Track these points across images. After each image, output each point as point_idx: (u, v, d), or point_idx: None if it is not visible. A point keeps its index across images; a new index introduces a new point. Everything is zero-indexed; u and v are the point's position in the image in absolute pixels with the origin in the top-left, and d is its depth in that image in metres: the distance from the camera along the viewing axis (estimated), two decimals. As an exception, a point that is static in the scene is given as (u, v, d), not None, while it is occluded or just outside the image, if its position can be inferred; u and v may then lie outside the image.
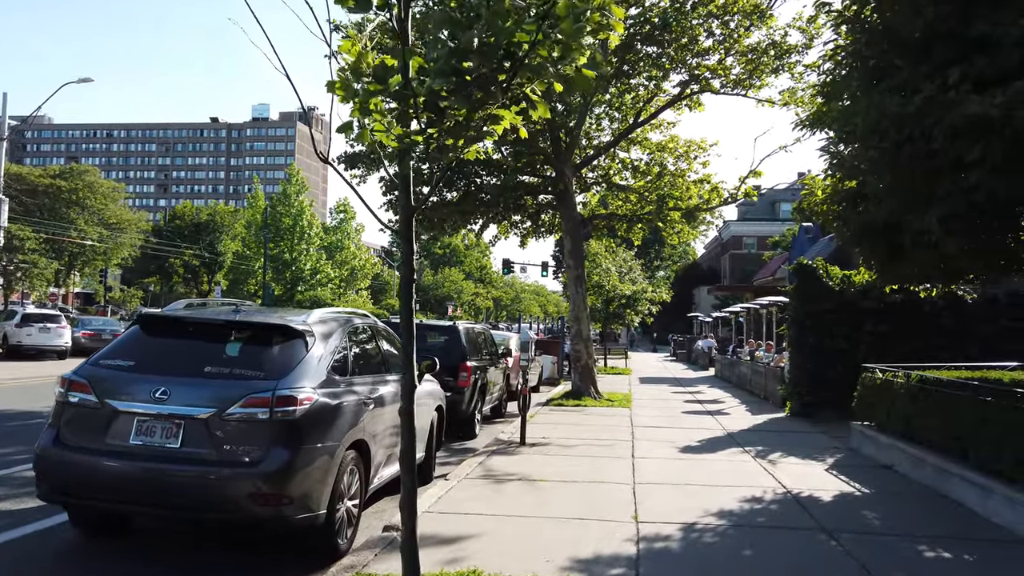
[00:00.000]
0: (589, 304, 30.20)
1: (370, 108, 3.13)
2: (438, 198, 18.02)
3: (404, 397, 3.84)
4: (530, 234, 20.42)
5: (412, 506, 3.87)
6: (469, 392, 11.78)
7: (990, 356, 13.42)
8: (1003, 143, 4.76)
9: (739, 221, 70.78)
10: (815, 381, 14.00)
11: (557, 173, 17.32)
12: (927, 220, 6.02)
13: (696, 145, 18.88)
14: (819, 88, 8.32)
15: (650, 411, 15.16)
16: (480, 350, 13.03)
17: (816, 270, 14.32)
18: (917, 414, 8.38)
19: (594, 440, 11.06)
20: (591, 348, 17.74)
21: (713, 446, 10.76)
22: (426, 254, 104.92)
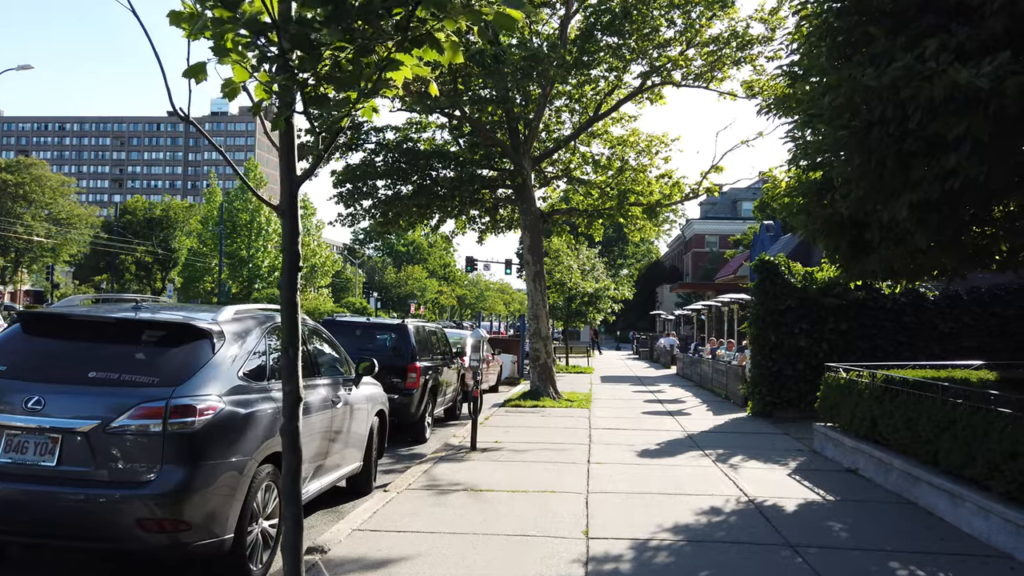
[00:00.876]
0: (551, 302, 29.80)
1: (226, 46, 2.52)
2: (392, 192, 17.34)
3: (285, 413, 3.21)
4: (489, 229, 19.83)
5: (296, 549, 3.21)
6: (418, 394, 11.15)
7: (952, 353, 13.24)
8: (988, 118, 4.32)
9: (701, 219, 71.14)
10: (777, 380, 13.67)
11: (515, 166, 16.76)
12: (898, 209, 5.59)
13: (658, 140, 18.48)
14: (784, 71, 7.87)
15: (610, 412, 14.69)
16: (431, 350, 12.40)
17: (778, 267, 13.98)
18: (883, 416, 7.99)
19: (549, 444, 10.52)
20: (550, 347, 17.24)
21: (673, 449, 10.29)
22: (389, 251, 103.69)
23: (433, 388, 11.94)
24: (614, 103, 17.35)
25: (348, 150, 17.05)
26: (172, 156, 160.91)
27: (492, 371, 20.10)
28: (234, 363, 5.08)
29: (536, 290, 17.09)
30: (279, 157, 3.14)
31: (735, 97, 16.21)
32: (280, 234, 52.09)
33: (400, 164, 17.13)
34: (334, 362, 7.27)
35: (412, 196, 16.94)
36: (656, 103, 17.68)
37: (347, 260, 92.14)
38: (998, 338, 13.20)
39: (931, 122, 4.72)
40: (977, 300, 13.56)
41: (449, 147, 18.05)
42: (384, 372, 11.08)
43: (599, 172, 18.91)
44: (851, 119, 5.68)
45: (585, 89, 17.36)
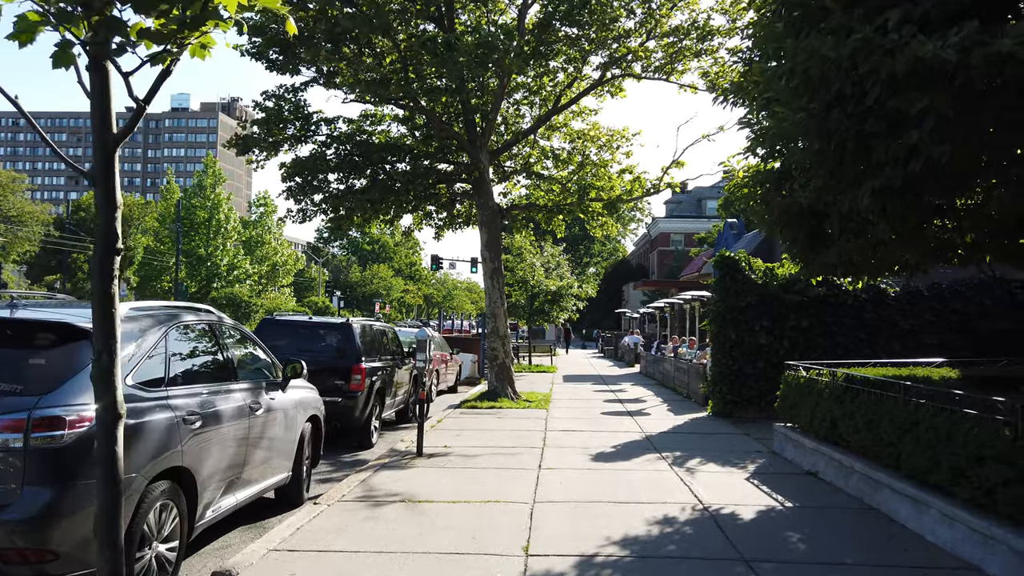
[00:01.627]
0: (513, 300, 29.36)
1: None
2: (344, 186, 16.69)
3: (100, 435, 2.65)
4: (446, 225, 19.28)
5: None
6: (363, 397, 10.57)
7: (913, 351, 13.05)
8: (953, 93, 3.93)
9: (667, 218, 71.36)
10: (737, 379, 13.35)
11: (472, 160, 16.23)
12: (859, 197, 5.19)
13: (619, 134, 18.11)
14: (740, 57, 7.48)
15: (568, 413, 14.25)
16: (379, 350, 11.82)
17: (739, 263, 13.66)
18: (843, 416, 7.64)
19: (501, 448, 10.02)
20: (508, 346, 16.75)
21: (629, 452, 9.87)
22: (354, 250, 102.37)
23: (381, 390, 11.36)
24: (574, 96, 16.93)
25: (297, 142, 16.37)
26: (131, 153, 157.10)
27: (451, 371, 19.56)
28: (122, 368, 4.47)
29: (494, 287, 16.59)
30: (90, 111, 2.57)
31: (696, 90, 15.89)
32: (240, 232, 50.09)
33: (353, 157, 16.49)
34: (256, 364, 6.69)
35: (365, 190, 16.31)
36: (617, 96, 17.32)
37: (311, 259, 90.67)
38: (959, 335, 13.04)
39: (891, 97, 4.31)
40: (938, 296, 13.39)
41: (405, 140, 17.46)
42: (327, 374, 10.54)
43: (559, 167, 18.49)
44: (809, 101, 5.27)
45: (544, 81, 16.92)
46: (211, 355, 5.77)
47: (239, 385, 5.98)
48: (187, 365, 5.39)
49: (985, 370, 9.04)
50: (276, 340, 10.89)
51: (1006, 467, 4.81)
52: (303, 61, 14.54)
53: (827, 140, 5.28)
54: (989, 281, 13.36)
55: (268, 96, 15.77)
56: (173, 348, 5.17)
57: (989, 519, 4.99)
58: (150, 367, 4.80)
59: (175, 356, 5.17)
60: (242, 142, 15.94)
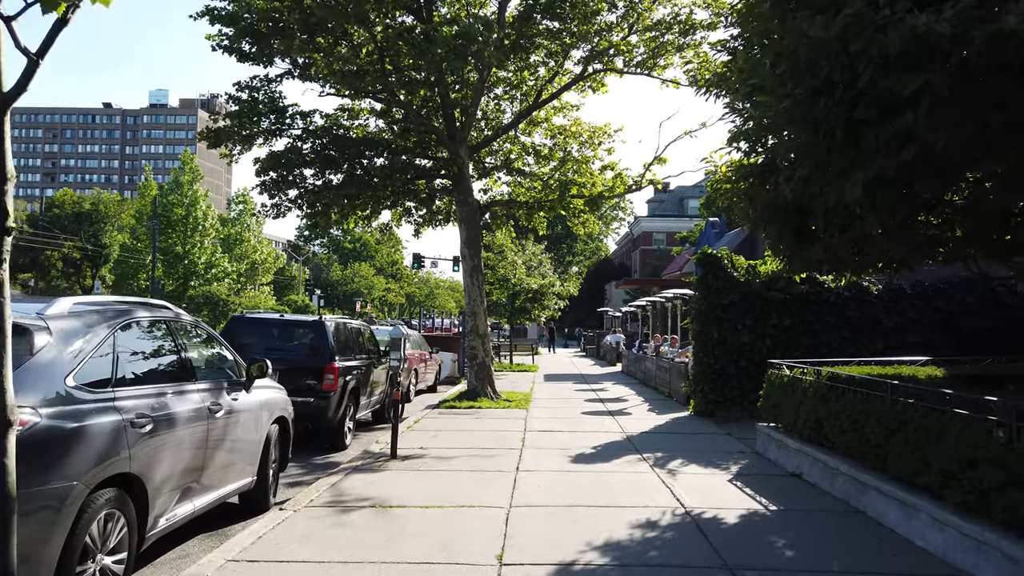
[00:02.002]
0: (494, 298, 29.06)
1: None
2: (320, 181, 16.33)
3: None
4: (426, 223, 18.95)
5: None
6: (336, 397, 10.24)
7: (896, 349, 12.92)
8: (949, 72, 3.71)
9: (649, 217, 71.43)
10: (719, 378, 13.17)
11: (451, 154, 15.93)
12: (848, 189, 4.97)
13: (600, 131, 17.89)
14: (724, 45, 7.25)
15: (548, 412, 13.99)
16: (354, 349, 11.49)
17: (721, 260, 13.48)
18: (828, 416, 7.44)
19: (478, 449, 9.74)
20: (488, 345, 16.47)
21: (609, 453, 9.62)
22: (335, 248, 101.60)
23: (355, 390, 11.04)
24: (555, 90, 16.68)
25: (272, 136, 15.98)
26: (108, 149, 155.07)
27: (430, 370, 19.25)
28: (59, 366, 4.15)
29: (473, 285, 16.30)
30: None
31: (678, 85, 15.71)
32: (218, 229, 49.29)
33: (329, 151, 16.11)
34: (217, 364, 6.36)
35: (341, 186, 15.94)
36: (598, 92, 17.10)
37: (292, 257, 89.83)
38: (941, 333, 12.94)
39: (884, 78, 4.08)
40: (921, 294, 13.28)
41: (383, 135, 17.11)
42: (299, 373, 10.21)
43: (541, 163, 18.23)
44: (795, 86, 5.04)
45: (525, 75, 16.65)
46: (166, 354, 5.44)
47: (197, 385, 5.65)
48: (138, 364, 5.06)
49: (970, 368, 8.90)
50: (247, 339, 10.55)
51: (1000, 470, 4.61)
52: (277, 52, 14.17)
53: (814, 129, 5.05)
54: (972, 279, 13.28)
55: (242, 88, 15.38)
56: (123, 346, 4.84)
57: (982, 524, 4.78)
58: (96, 366, 4.47)
59: (125, 355, 4.84)
60: (214, 135, 15.52)
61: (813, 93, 4.90)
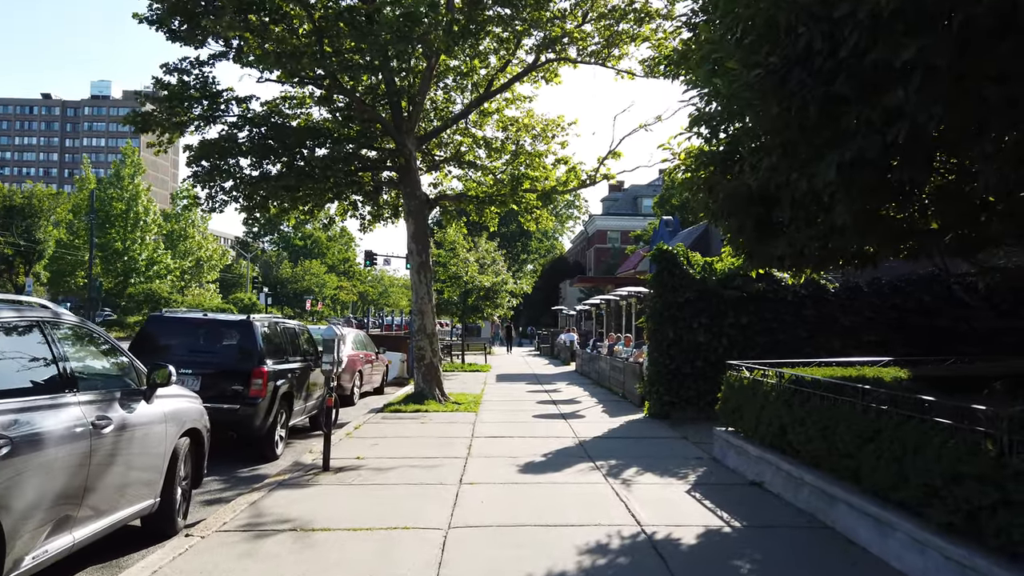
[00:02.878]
0: (446, 296, 28.33)
1: None
2: (258, 172, 15.40)
3: None
4: (373, 218, 18.12)
5: None
6: (265, 404, 9.41)
7: (852, 348, 12.62)
8: (951, 37, 3.17)
9: (604, 216, 71.51)
10: (675, 378, 12.70)
11: (397, 145, 15.15)
12: (820, 171, 4.41)
13: (553, 123, 17.31)
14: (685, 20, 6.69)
15: (498, 416, 13.34)
16: (287, 350, 10.66)
17: (677, 256, 13.01)
18: (793, 423, 6.95)
19: (420, 459, 9.03)
20: (436, 344, 15.74)
21: (560, 462, 9.02)
22: (285, 245, 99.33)
23: (288, 395, 10.21)
24: (507, 80, 16.03)
25: (205, 122, 14.97)
26: (47, 141, 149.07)
27: (376, 371, 18.42)
28: None
29: (421, 282, 15.56)
30: None
31: (633, 76, 15.21)
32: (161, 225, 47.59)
33: (268, 141, 15.18)
34: (110, 371, 5.54)
35: (280, 177, 15.02)
36: (552, 82, 16.51)
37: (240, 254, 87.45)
38: (898, 332, 12.68)
39: (872, 46, 3.53)
40: (877, 292, 13.02)
41: (327, 124, 16.22)
42: (224, 378, 9.37)
43: (492, 156, 17.57)
44: (768, 54, 4.47)
45: (475, 64, 15.97)
46: (35, 360, 4.61)
47: (79, 397, 4.83)
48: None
49: (934, 369, 8.54)
50: (166, 340, 9.67)
51: (992, 488, 4.12)
52: (208, 31, 13.20)
53: (787, 105, 4.49)
54: (929, 277, 13.09)
55: (170, 70, 14.32)
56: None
57: (969, 548, 4.29)
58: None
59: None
60: (141, 120, 14.44)
61: (788, 64, 4.34)
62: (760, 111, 4.67)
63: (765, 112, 4.60)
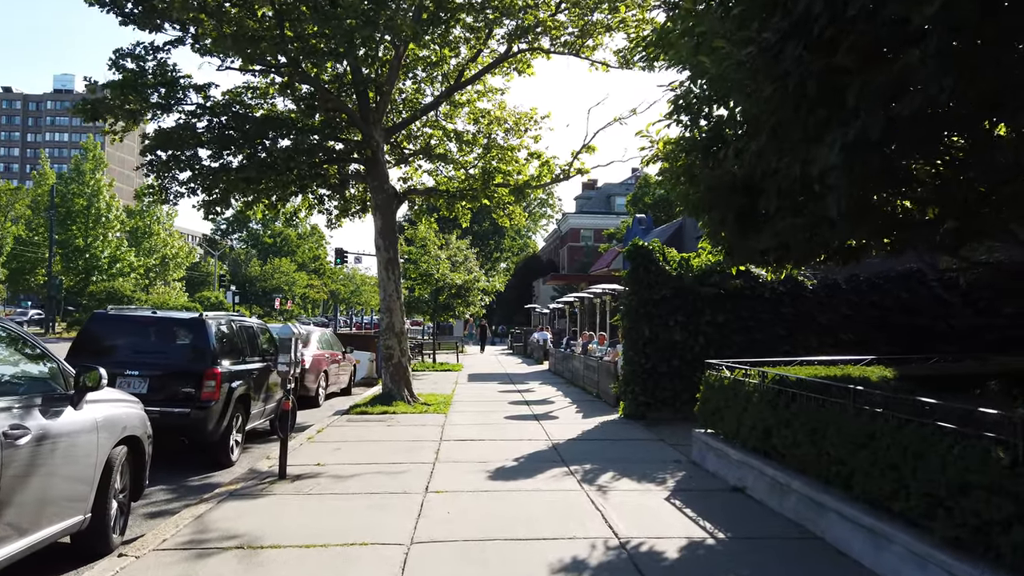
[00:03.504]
0: (416, 295, 27.74)
1: None
2: (218, 163, 14.73)
3: None
4: (341, 212, 17.50)
5: None
6: (219, 407, 8.83)
7: (830, 347, 12.35)
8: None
9: (577, 214, 71.37)
10: (651, 378, 12.33)
11: (364, 136, 14.59)
12: (822, 156, 4.02)
13: (526, 117, 16.84)
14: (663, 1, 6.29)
15: (469, 418, 12.86)
16: (245, 351, 10.07)
17: (652, 252, 12.64)
18: (778, 426, 6.57)
19: (385, 465, 8.53)
20: (405, 343, 15.20)
21: (533, 467, 8.57)
22: (254, 243, 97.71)
23: (244, 398, 9.63)
24: (478, 70, 15.54)
25: (162, 111, 14.26)
26: (7, 136, 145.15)
27: (343, 371, 17.83)
28: None
29: (389, 279, 15.01)
30: None
31: (607, 68, 14.80)
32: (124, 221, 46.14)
33: (228, 131, 14.53)
34: (28, 375, 4.97)
35: (241, 169, 14.36)
36: (524, 74, 16.05)
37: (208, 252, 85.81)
38: (877, 330, 12.44)
39: (884, 5, 3.12)
40: (856, 289, 12.76)
41: (291, 115, 15.58)
42: (174, 380, 8.78)
43: (463, 151, 17.07)
44: (761, 29, 4.06)
45: (445, 53, 15.45)
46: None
47: (-13, 404, 4.27)
48: None
49: (919, 368, 8.25)
50: (111, 340, 9.05)
51: (1005, 500, 3.75)
52: (163, 14, 12.52)
53: (782, 84, 4.08)
54: (907, 273, 12.89)
55: (124, 55, 13.60)
56: None
57: (978, 564, 3.92)
58: None
59: None
60: (91, 108, 13.69)
61: (783, 37, 3.93)
62: (750, 92, 4.25)
63: (756, 93, 4.18)
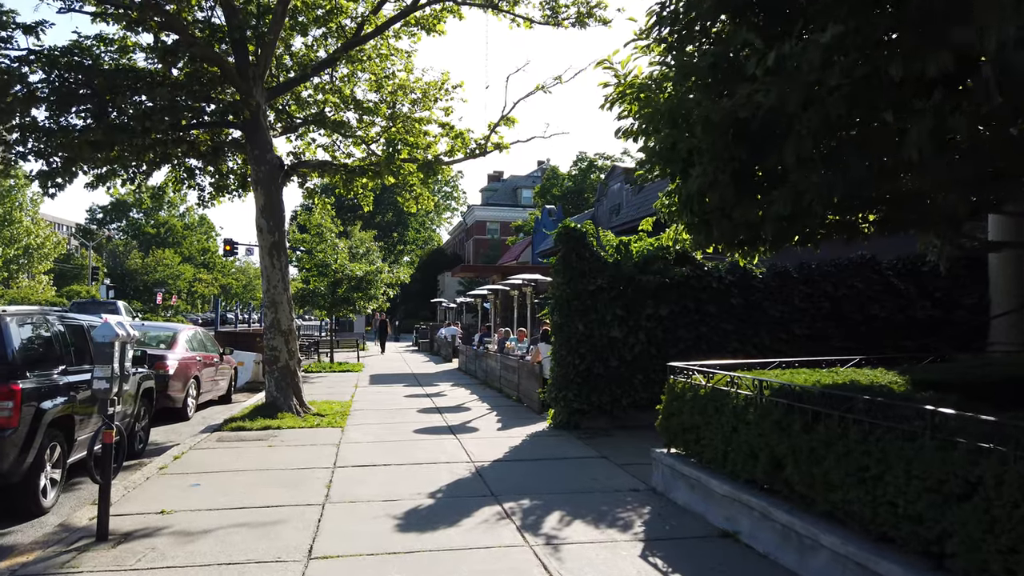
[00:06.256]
0: (312, 287, 25.04)
1: None
2: (55, 124, 11.90)
3: None
4: (217, 191, 14.83)
5: None
6: (20, 435, 6.36)
7: (783, 343, 10.97)
8: None
9: (483, 206, 69.82)
10: (586, 381, 10.61)
11: (242, 95, 12.12)
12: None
13: (436, 85, 14.78)
14: None
15: (371, 432, 10.72)
16: (66, 357, 7.57)
17: (586, 236, 10.91)
18: (797, 455, 4.87)
19: (255, 511, 6.33)
20: (294, 344, 12.81)
21: (456, 505, 6.59)
22: (135, 233, 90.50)
23: (64, 421, 7.16)
24: (380, 23, 13.34)
25: (-22, 56, 11.30)
26: None
27: (220, 377, 15.20)
28: None
29: (274, 268, 12.60)
30: None
31: (531, 24, 12.95)
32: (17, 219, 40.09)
33: (70, 86, 11.74)
34: None
35: (86, 131, 11.60)
36: (434, 32, 13.99)
37: (82, 243, 78.52)
38: (832, 323, 11.18)
39: None
40: (807, 279, 11.44)
41: (153, 70, 12.85)
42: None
43: (364, 123, 14.81)
44: None
45: (343, 3, 13.17)
46: None
47: None
48: None
49: (925, 370, 6.78)
50: None
51: None
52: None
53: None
54: (858, 261, 11.70)
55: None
56: None
57: None
58: None
59: None
60: None
61: None
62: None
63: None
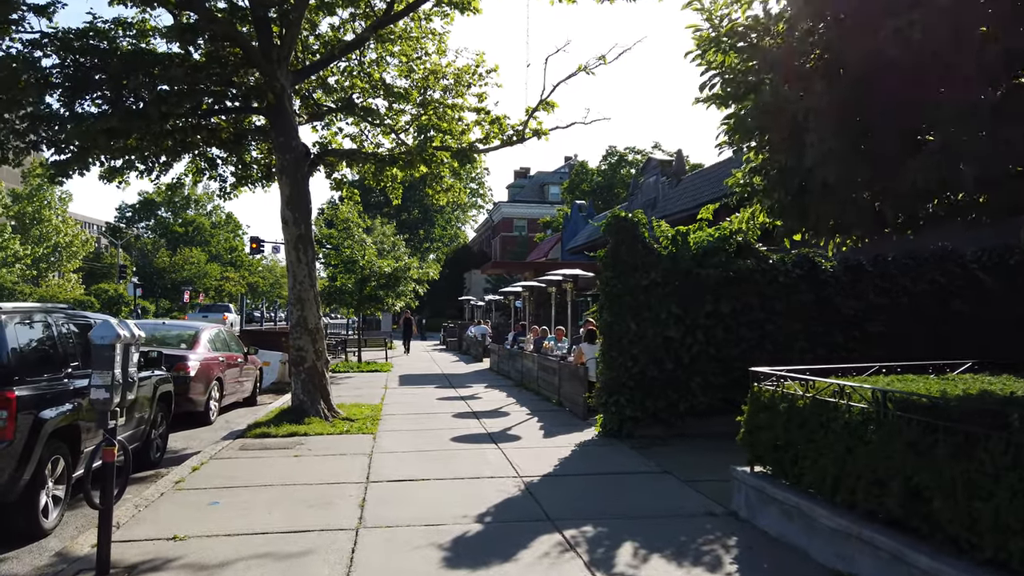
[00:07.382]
0: (339, 284, 24.33)
1: None
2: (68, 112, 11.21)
3: None
4: (240, 181, 14.10)
5: None
6: (16, 449, 5.60)
7: (858, 342, 9.86)
8: None
9: (509, 203, 69.01)
10: (639, 385, 9.66)
11: (266, 78, 11.33)
12: None
13: (468, 70, 13.88)
14: None
15: (404, 440, 9.87)
16: (66, 359, 6.80)
17: (638, 226, 9.96)
18: (946, 485, 3.89)
19: (279, 538, 5.49)
20: (321, 343, 12.00)
21: (509, 533, 5.69)
22: (163, 232, 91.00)
23: (70, 431, 6.39)
24: (411, 1, 12.47)
25: (-12, 39, 10.64)
26: None
27: (245, 378, 14.49)
28: None
29: (300, 262, 11.82)
30: None
31: None
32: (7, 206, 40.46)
33: (86, 70, 11.05)
34: None
35: (100, 118, 10.89)
36: (468, 11, 13.08)
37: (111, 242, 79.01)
38: (911, 321, 10.10)
39: None
40: (883, 272, 10.37)
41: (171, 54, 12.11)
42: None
43: (393, 110, 13.97)
44: None
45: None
46: None
47: None
48: None
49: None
50: None
51: None
52: None
53: None
54: (940, 253, 10.61)
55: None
56: None
57: None
58: None
59: None
60: None
61: None
62: None
63: None
